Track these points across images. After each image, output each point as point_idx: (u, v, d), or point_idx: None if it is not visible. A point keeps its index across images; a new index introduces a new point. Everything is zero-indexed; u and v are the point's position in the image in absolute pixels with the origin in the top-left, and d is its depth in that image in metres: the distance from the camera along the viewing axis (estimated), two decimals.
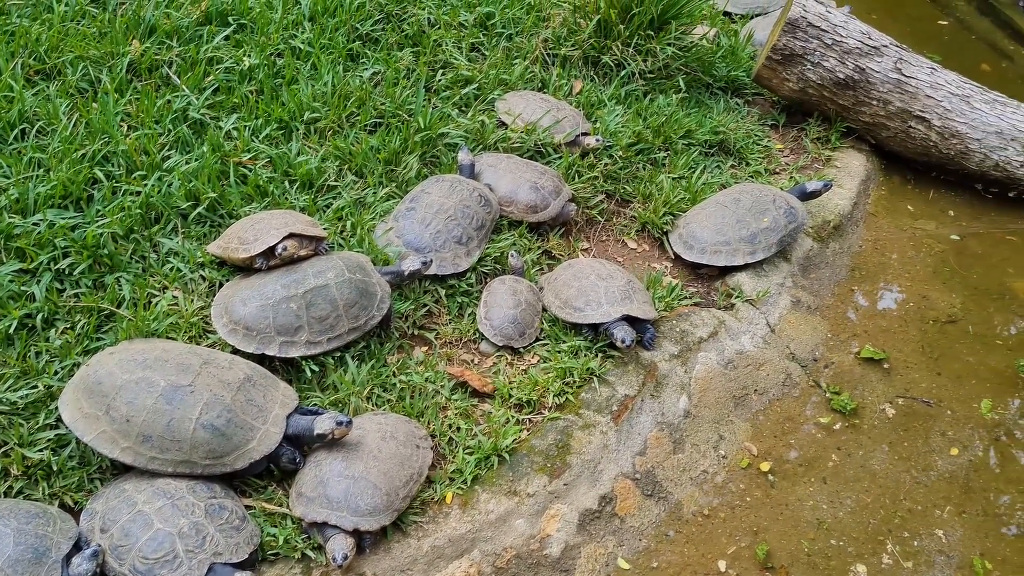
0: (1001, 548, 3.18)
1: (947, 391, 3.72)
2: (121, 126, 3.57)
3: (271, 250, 3.06)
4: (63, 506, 2.64)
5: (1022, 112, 4.59)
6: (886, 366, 3.80)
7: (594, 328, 3.38)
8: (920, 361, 3.83)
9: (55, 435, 2.72)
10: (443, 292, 3.45)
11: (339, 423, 2.72)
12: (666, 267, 3.96)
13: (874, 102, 4.55)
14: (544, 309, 3.51)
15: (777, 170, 4.55)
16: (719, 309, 3.77)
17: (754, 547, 3.10)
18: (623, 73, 4.57)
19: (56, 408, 2.72)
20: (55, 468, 2.67)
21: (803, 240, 4.13)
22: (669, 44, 4.58)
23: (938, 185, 4.82)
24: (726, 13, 5.69)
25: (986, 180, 4.71)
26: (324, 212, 3.55)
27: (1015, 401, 3.70)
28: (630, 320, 3.36)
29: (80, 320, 2.98)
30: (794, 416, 3.58)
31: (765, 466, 3.38)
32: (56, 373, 2.84)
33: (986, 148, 4.55)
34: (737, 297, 3.81)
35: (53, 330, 2.94)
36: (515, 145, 4.03)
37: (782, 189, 4.17)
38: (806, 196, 4.11)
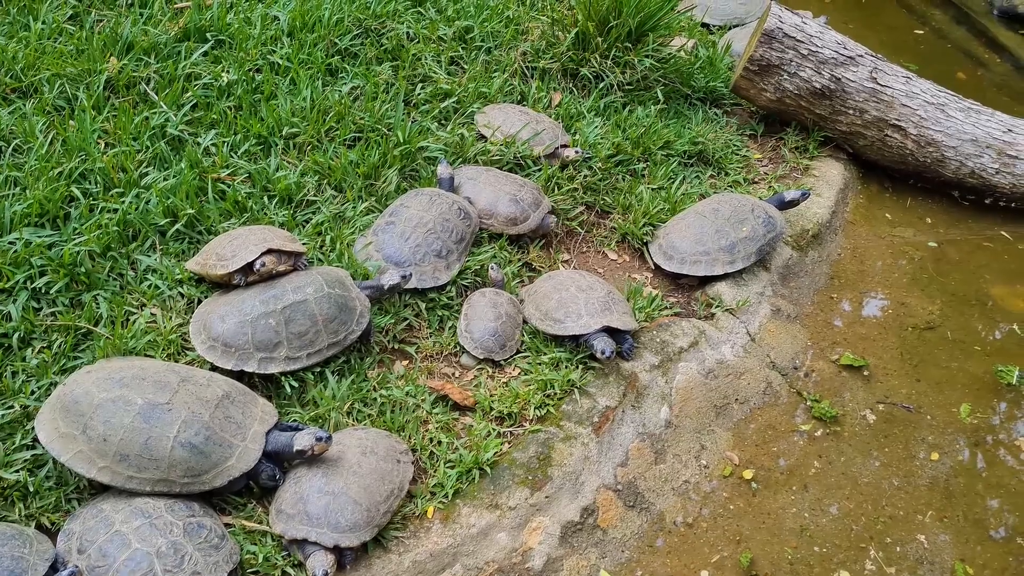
0: (982, 553, 3.20)
1: (927, 397, 3.74)
2: (98, 143, 3.56)
3: (249, 266, 3.06)
4: (40, 527, 2.61)
5: (996, 120, 4.64)
6: (866, 373, 3.83)
7: (575, 340, 3.39)
8: (900, 368, 3.86)
9: (32, 455, 2.70)
10: (423, 306, 3.45)
11: (318, 439, 2.71)
12: (646, 277, 3.98)
13: (850, 111, 4.59)
14: (525, 321, 3.52)
15: (756, 179, 4.58)
16: (699, 319, 3.79)
17: (736, 556, 3.11)
18: (602, 85, 4.60)
19: (32, 428, 2.70)
20: (32, 489, 2.64)
21: (782, 249, 4.15)
22: (647, 56, 4.61)
23: (915, 193, 4.86)
24: (704, 24, 5.74)
25: (962, 187, 4.76)
26: (303, 227, 3.55)
27: (994, 405, 3.73)
28: (610, 331, 3.37)
29: (57, 339, 2.97)
30: (775, 424, 3.59)
31: (748, 474, 3.39)
32: (33, 393, 2.82)
33: (962, 156, 4.60)
34: (717, 307, 3.83)
35: (29, 349, 2.92)
36: (495, 158, 4.04)
37: (761, 198, 4.19)
38: (784, 205, 4.14)
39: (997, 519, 3.33)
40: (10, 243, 3.10)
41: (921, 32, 6.66)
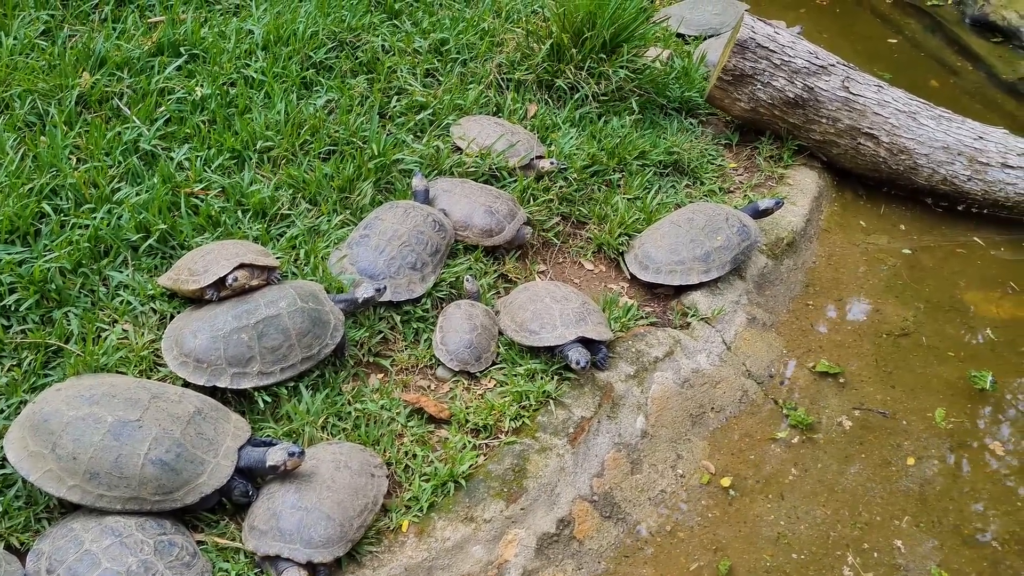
0: (958, 558, 3.22)
1: (902, 403, 3.76)
2: (70, 159, 3.54)
3: (222, 281, 3.05)
4: (9, 547, 2.58)
5: (967, 127, 4.69)
6: (841, 380, 3.85)
7: (550, 351, 3.39)
8: (875, 374, 3.88)
9: (0, 475, 2.67)
10: (398, 319, 3.45)
11: (291, 454, 2.69)
12: (622, 287, 3.99)
13: (823, 120, 4.63)
14: (501, 333, 3.52)
15: (731, 189, 4.61)
16: (675, 328, 3.80)
17: (715, 564, 3.11)
18: (577, 96, 4.62)
19: (1, 447, 2.67)
20: (0, 509, 2.61)
21: (757, 257, 4.18)
22: (622, 67, 4.64)
23: (889, 200, 4.90)
24: (679, 35, 5.77)
25: (935, 194, 4.80)
26: (278, 241, 3.54)
27: (968, 410, 3.75)
28: (585, 342, 3.37)
29: (27, 357, 2.94)
30: (751, 433, 3.61)
31: (726, 481, 3.40)
32: (2, 412, 2.79)
33: (934, 163, 4.64)
34: (693, 316, 3.84)
35: None
36: (470, 170, 4.05)
37: (736, 207, 4.22)
38: (759, 214, 4.16)
39: (973, 523, 3.35)
40: None
41: (895, 41, 6.73)
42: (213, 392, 2.96)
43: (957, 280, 4.42)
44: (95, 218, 3.33)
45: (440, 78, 4.54)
